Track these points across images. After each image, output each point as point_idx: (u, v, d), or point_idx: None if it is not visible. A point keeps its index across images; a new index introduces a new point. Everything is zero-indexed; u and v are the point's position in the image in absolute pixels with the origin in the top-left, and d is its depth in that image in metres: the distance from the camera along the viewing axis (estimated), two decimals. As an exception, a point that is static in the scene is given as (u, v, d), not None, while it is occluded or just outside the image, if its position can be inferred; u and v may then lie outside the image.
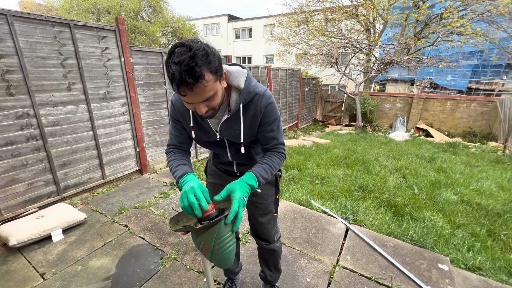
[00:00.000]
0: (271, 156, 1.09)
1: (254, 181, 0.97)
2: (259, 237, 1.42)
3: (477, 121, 8.36)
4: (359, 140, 6.92)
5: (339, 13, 9.19)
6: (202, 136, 1.13)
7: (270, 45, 17.14)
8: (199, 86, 0.78)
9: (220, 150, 1.19)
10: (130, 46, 3.25)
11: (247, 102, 1.00)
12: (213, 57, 0.80)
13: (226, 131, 1.06)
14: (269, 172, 1.04)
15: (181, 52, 0.75)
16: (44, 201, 2.66)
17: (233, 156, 1.19)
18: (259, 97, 1.01)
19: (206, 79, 0.78)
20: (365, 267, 1.95)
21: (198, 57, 0.75)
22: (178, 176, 0.98)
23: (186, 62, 0.74)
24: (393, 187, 3.49)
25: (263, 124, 1.05)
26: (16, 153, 2.39)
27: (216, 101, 0.89)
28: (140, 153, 3.58)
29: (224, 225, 0.84)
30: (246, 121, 1.03)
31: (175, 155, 1.12)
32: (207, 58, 0.77)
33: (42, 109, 2.53)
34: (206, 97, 0.83)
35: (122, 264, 1.94)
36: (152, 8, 14.17)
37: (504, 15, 7.44)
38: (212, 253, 0.86)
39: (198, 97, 0.82)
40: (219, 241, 0.84)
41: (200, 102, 0.85)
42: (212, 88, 0.83)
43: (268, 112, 1.02)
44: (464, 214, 2.85)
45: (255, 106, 1.01)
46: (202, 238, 0.86)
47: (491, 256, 2.16)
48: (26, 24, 2.34)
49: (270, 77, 6.56)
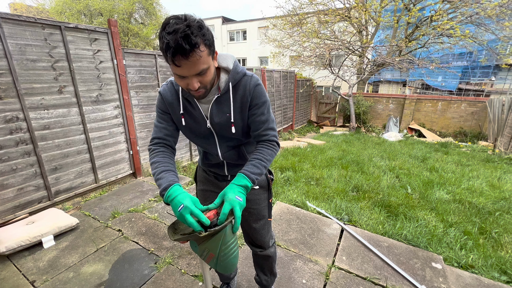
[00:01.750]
0: (261, 149, 1.04)
1: (245, 180, 0.94)
2: (253, 244, 1.38)
3: (468, 121, 8.54)
4: (353, 141, 6.99)
5: (332, 15, 9.30)
6: (192, 126, 1.08)
7: (264, 47, 17.22)
8: (194, 55, 0.78)
9: (210, 147, 1.13)
10: (123, 48, 3.22)
11: (236, 82, 1.00)
12: (206, 31, 0.81)
13: (217, 115, 1.03)
14: (261, 166, 1.00)
15: (176, 22, 0.76)
16: (34, 206, 2.60)
17: (224, 155, 1.14)
18: (247, 78, 1.01)
19: (201, 49, 0.79)
20: (361, 268, 1.96)
21: (193, 27, 0.76)
22: (162, 188, 0.92)
23: (182, 30, 0.74)
24: (387, 187, 3.53)
25: (253, 106, 1.03)
26: (5, 157, 2.34)
27: (208, 77, 0.89)
28: (133, 156, 3.54)
29: (229, 231, 0.83)
30: (236, 102, 1.02)
31: (159, 155, 1.04)
32: (201, 30, 0.79)
33: (32, 113, 2.48)
34: (200, 69, 0.83)
35: (115, 269, 1.91)
36: (145, 10, 14.09)
37: (492, 18, 7.64)
38: (217, 259, 0.84)
39: (193, 68, 0.82)
40: (225, 247, 0.83)
41: (194, 76, 0.85)
42: (206, 61, 0.83)
43: (258, 93, 1.02)
44: (456, 212, 2.90)
45: (244, 87, 1.01)
46: (206, 246, 0.83)
47: (483, 254, 2.20)
48: (16, 26, 2.29)
49: (265, 79, 6.58)
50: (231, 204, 0.85)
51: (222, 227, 0.80)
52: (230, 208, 0.84)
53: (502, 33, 8.43)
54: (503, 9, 7.30)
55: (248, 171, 0.97)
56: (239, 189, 0.92)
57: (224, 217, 0.82)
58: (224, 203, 0.85)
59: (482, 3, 7.28)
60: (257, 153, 1.03)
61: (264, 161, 1.01)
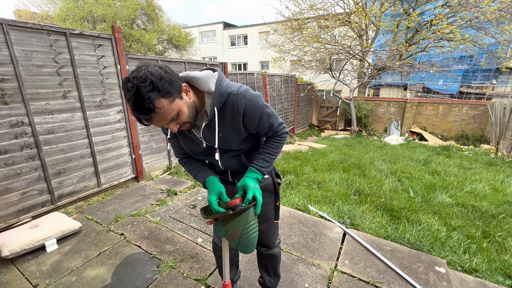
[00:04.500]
0: (270, 142, 1.13)
1: (256, 174, 1.07)
2: (259, 244, 1.41)
3: (469, 124, 8.52)
4: (354, 145, 6.99)
5: (332, 20, 9.39)
6: (191, 146, 1.13)
7: (265, 52, 17.36)
8: (155, 116, 0.82)
9: (211, 159, 1.17)
10: (126, 53, 3.27)
11: (221, 104, 0.97)
12: (159, 82, 0.78)
13: (210, 137, 1.05)
14: (269, 159, 1.11)
15: (128, 88, 0.77)
16: (38, 210, 2.61)
17: (225, 165, 1.18)
18: (233, 97, 0.96)
19: (158, 107, 0.80)
20: (363, 271, 1.95)
21: (143, 92, 0.76)
22: (202, 183, 1.13)
23: (133, 101, 0.77)
24: (389, 190, 3.52)
25: (251, 122, 1.02)
26: (9, 162, 2.36)
27: (183, 117, 0.90)
28: (136, 160, 3.56)
29: (252, 212, 0.99)
30: (225, 124, 1.01)
31: (188, 164, 1.22)
32: (153, 87, 0.77)
33: (37, 117, 2.51)
34: (169, 119, 0.86)
35: (118, 273, 1.91)
36: (147, 16, 14.27)
37: (492, 22, 7.68)
38: (240, 237, 0.99)
39: (161, 122, 0.87)
40: (248, 226, 0.98)
41: (168, 124, 0.89)
42: (171, 110, 0.84)
43: (250, 111, 0.98)
44: (459, 216, 2.88)
45: (232, 107, 0.97)
46: (232, 224, 0.99)
47: (487, 258, 2.18)
48: (22, 33, 2.34)
49: (266, 83, 6.63)
50: (254, 191, 1.00)
51: (247, 207, 0.97)
52: (253, 194, 0.99)
53: (502, 37, 8.46)
54: (503, 13, 7.34)
55: (258, 165, 1.09)
56: (254, 182, 1.05)
57: (248, 202, 0.99)
58: (248, 191, 1.00)
59: (481, 7, 7.32)
60: (265, 147, 1.13)
61: (273, 154, 1.12)
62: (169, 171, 4.11)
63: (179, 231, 2.46)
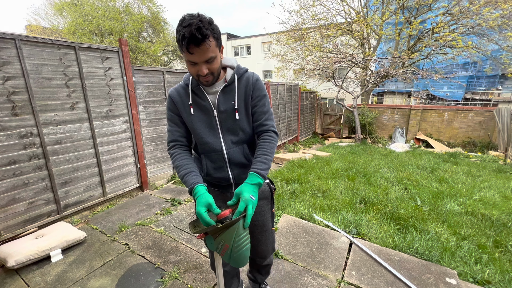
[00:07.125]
0: (263, 144, 1.16)
1: (258, 179, 1.06)
2: (257, 255, 1.39)
3: (476, 130, 8.41)
4: (359, 152, 6.93)
5: (334, 29, 9.51)
6: (199, 116, 1.18)
7: (268, 61, 17.60)
8: (204, 44, 0.93)
9: (215, 141, 1.19)
10: (133, 65, 3.35)
11: (240, 75, 1.18)
12: (215, 27, 0.97)
13: (223, 104, 1.15)
14: (266, 161, 1.13)
15: (191, 17, 0.92)
16: (44, 220, 2.63)
17: (228, 151, 1.20)
18: (249, 73, 1.20)
19: (210, 40, 0.94)
20: (371, 283, 1.90)
21: (204, 22, 0.92)
22: (189, 190, 1.10)
23: (195, 23, 0.90)
24: (395, 199, 3.46)
25: (256, 97, 1.19)
26: (18, 172, 2.41)
27: (215, 65, 1.03)
28: (141, 169, 3.59)
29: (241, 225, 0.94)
30: (240, 91, 1.17)
31: (178, 159, 1.18)
32: (211, 25, 0.95)
33: (45, 128, 2.57)
34: (209, 56, 0.98)
35: (122, 284, 1.90)
36: (153, 29, 14.68)
37: (494, 29, 7.69)
38: (231, 251, 0.95)
39: (203, 55, 0.96)
40: (238, 239, 0.94)
41: (203, 63, 0.99)
42: (214, 51, 0.99)
43: (259, 86, 1.19)
44: (469, 225, 2.81)
45: (247, 79, 1.18)
46: (222, 237, 0.95)
47: (500, 269, 2.11)
48: (33, 47, 2.43)
49: (269, 92, 6.68)
50: (246, 202, 0.96)
51: (236, 220, 0.92)
52: (244, 206, 0.96)
53: (505, 43, 8.44)
54: (505, 20, 7.35)
55: (258, 169, 1.08)
56: (253, 188, 1.03)
57: (238, 214, 0.94)
58: (240, 202, 0.97)
59: (483, 14, 7.35)
60: (261, 149, 1.15)
61: (269, 155, 1.15)
62: (173, 180, 4.12)
63: (183, 241, 2.45)
